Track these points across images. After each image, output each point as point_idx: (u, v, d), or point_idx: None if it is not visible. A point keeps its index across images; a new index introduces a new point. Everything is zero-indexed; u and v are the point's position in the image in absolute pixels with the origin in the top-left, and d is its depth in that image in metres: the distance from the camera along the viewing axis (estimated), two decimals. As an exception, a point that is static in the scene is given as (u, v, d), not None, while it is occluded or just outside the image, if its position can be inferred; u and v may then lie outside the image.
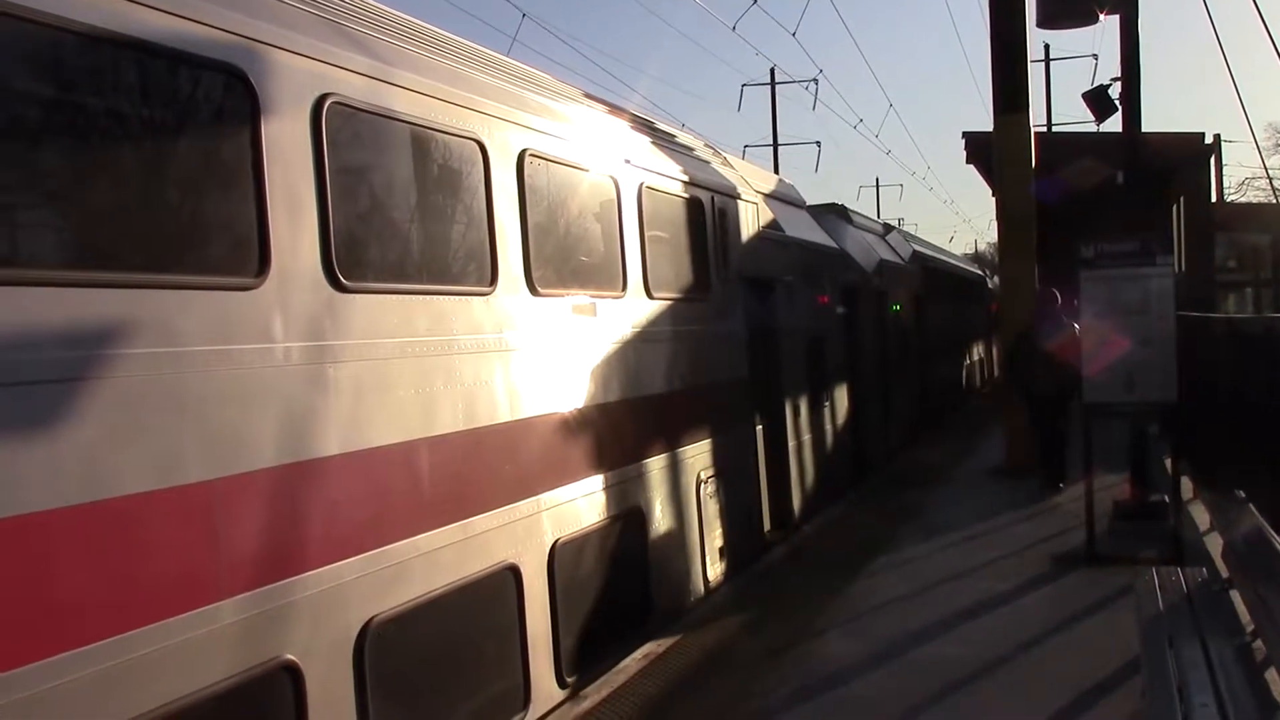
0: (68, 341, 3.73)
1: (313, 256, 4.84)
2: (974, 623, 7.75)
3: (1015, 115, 14.19)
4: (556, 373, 6.85)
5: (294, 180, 4.76)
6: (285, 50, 4.77)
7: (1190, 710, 4.56)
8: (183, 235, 4.41)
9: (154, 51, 4.14)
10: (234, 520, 4.33)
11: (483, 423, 6.03)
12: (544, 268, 6.75)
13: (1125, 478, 11.15)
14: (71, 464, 3.69)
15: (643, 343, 8.09)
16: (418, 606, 5.37)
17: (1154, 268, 9.12)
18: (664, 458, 8.47)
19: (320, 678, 4.69)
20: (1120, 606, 7.44)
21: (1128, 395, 9.18)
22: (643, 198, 8.27)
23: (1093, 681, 6.33)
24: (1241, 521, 6.33)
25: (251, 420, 4.46)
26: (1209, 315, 13.60)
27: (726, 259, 9.95)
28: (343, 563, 4.88)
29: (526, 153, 6.62)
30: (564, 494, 6.86)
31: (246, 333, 4.45)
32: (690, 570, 8.89)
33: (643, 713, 6.39)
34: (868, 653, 7.08)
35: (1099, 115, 15.74)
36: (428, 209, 5.99)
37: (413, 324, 5.50)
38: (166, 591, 4.00)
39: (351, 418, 5.02)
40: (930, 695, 6.29)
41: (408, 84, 5.61)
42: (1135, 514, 10.56)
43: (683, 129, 11.83)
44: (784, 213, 12.65)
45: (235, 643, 4.27)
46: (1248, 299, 26.75)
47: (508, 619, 6.23)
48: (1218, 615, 5.88)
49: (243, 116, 4.55)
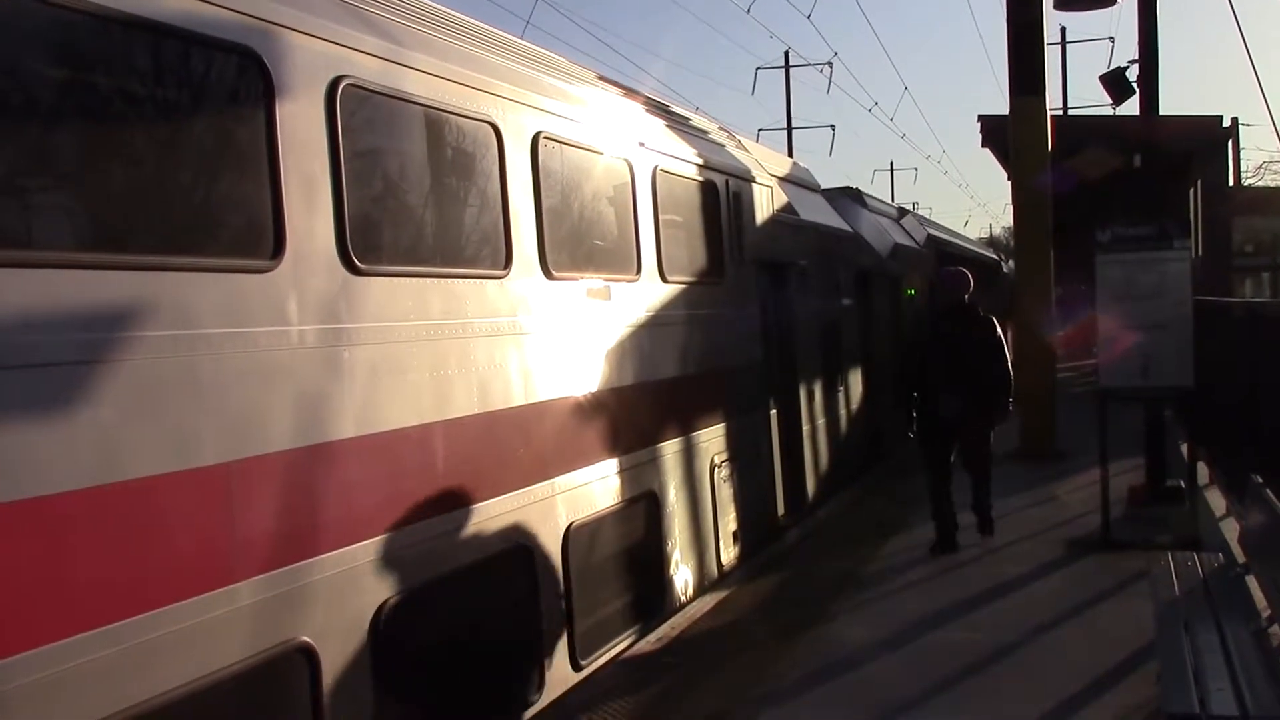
0: (85, 323, 3.74)
1: (328, 239, 4.84)
2: (988, 607, 7.73)
3: (1031, 98, 14.08)
4: (571, 356, 6.84)
5: (309, 162, 4.76)
6: (300, 32, 4.76)
7: (1206, 695, 4.54)
8: (198, 217, 4.42)
9: (169, 33, 4.14)
10: (249, 502, 4.35)
11: (497, 406, 6.03)
12: (558, 251, 6.74)
13: (1140, 463, 11.11)
14: (89, 445, 3.70)
15: (657, 327, 8.08)
16: (432, 590, 5.39)
17: (1171, 251, 9.05)
18: (678, 442, 8.47)
19: (334, 660, 4.71)
20: (1136, 592, 7.41)
21: (1144, 380, 9.13)
22: (657, 181, 8.25)
23: (1106, 667, 6.31)
24: (1258, 506, 6.30)
25: (266, 403, 4.47)
26: (1227, 300, 13.52)
27: (741, 243, 9.92)
28: (358, 545, 4.89)
29: (541, 135, 6.60)
30: (578, 478, 6.86)
31: (262, 315, 4.46)
32: (704, 554, 8.90)
33: (656, 696, 6.40)
34: (881, 637, 7.07)
35: (1116, 98, 15.61)
36: (442, 192, 5.98)
37: (427, 307, 5.50)
38: (181, 573, 4.02)
39: (366, 400, 5.03)
40: (944, 679, 6.28)
41: (422, 66, 5.60)
42: (1151, 499, 10.51)
43: (697, 112, 11.79)
44: (798, 196, 12.61)
45: (251, 624, 4.29)
46: (1265, 284, 26.59)
47: (522, 602, 6.25)
48: (1234, 600, 5.86)
49: (257, 99, 4.54)
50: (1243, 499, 6.82)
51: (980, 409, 8.88)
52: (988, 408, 8.92)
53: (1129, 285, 9.12)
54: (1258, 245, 25.87)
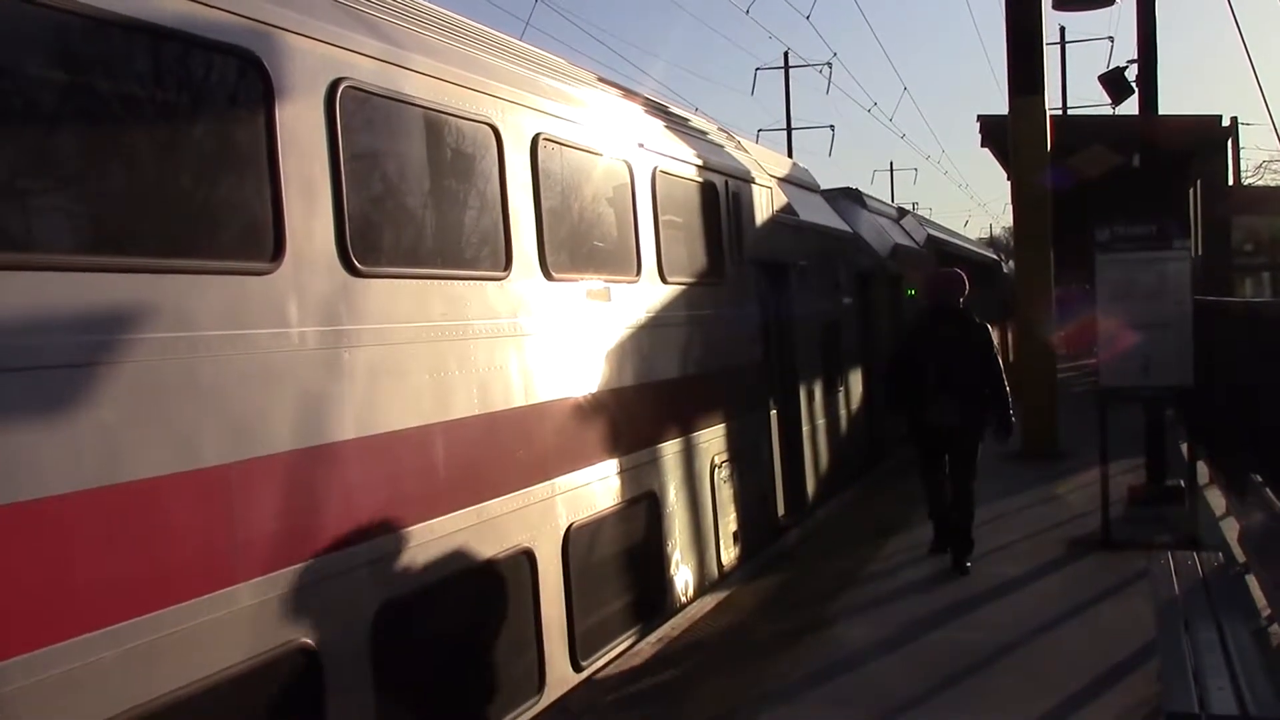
0: (85, 326, 3.74)
1: (327, 241, 4.84)
2: (989, 606, 7.73)
3: (1031, 98, 14.10)
4: (570, 357, 6.85)
5: (308, 164, 4.76)
6: (299, 35, 4.77)
7: (1206, 694, 4.55)
8: (198, 220, 4.42)
9: (169, 36, 4.14)
10: (249, 504, 4.35)
11: (497, 407, 6.04)
12: (558, 252, 6.75)
13: (1141, 462, 11.11)
14: (89, 448, 3.71)
15: (657, 328, 8.08)
16: (433, 590, 5.39)
17: (1171, 251, 9.06)
18: (678, 442, 8.47)
19: (335, 661, 4.71)
20: (1136, 591, 7.42)
21: (1144, 380, 9.14)
22: (656, 182, 8.25)
23: (1107, 666, 6.31)
24: (1258, 506, 6.31)
25: (266, 404, 4.47)
26: (1227, 299, 13.51)
27: (740, 243, 9.92)
28: (359, 547, 4.90)
29: (540, 137, 6.61)
30: (578, 478, 6.87)
31: (262, 317, 4.46)
32: (704, 554, 8.90)
33: (657, 696, 6.40)
34: (882, 637, 7.08)
35: (1115, 98, 15.64)
36: (442, 193, 5.98)
37: (427, 308, 5.50)
38: (181, 575, 4.02)
39: (366, 402, 5.03)
40: (945, 679, 6.29)
41: (421, 68, 5.60)
42: (1151, 498, 10.51)
43: (696, 113, 11.79)
44: (798, 197, 12.61)
45: (252, 626, 4.29)
46: (1265, 283, 26.56)
47: (522, 602, 6.26)
48: (1234, 599, 5.87)
49: (257, 101, 4.55)
50: (1243, 498, 6.83)
51: (974, 419, 8.63)
52: (982, 420, 8.69)
53: (1129, 285, 9.13)
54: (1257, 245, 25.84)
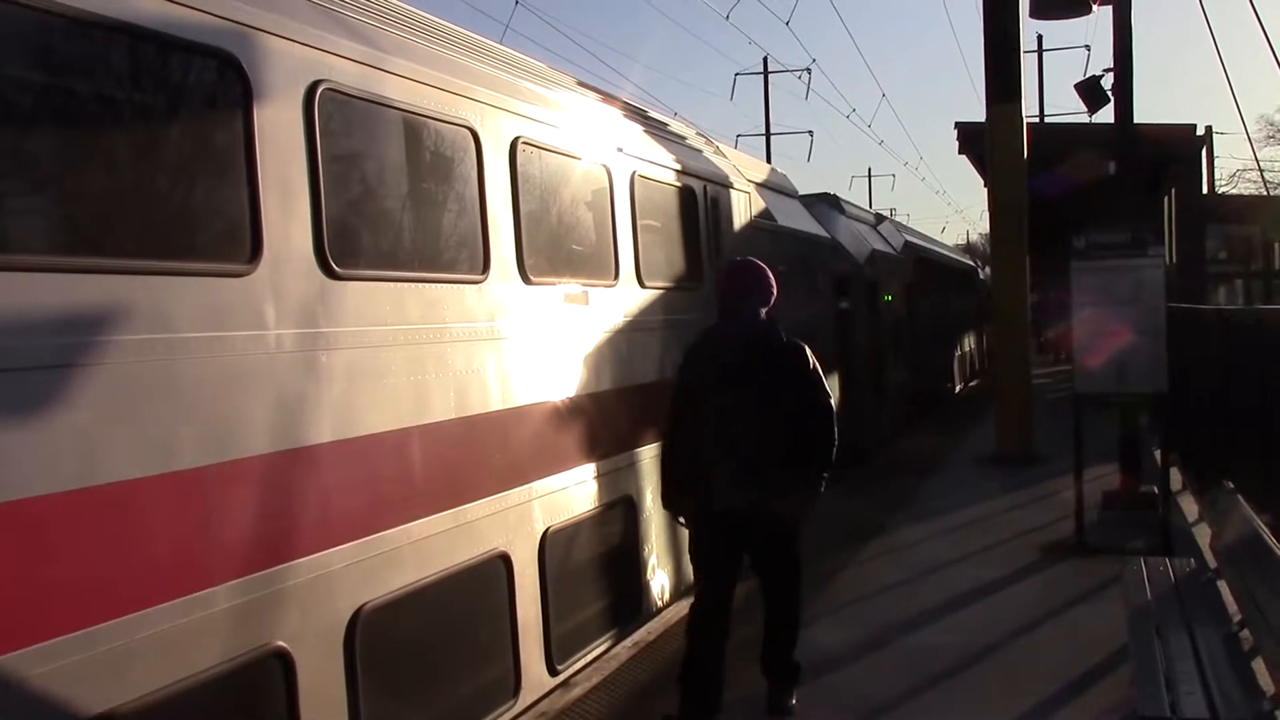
0: (60, 328, 3.71)
1: (305, 243, 4.82)
2: (964, 611, 7.77)
3: (1008, 105, 14.19)
4: (548, 361, 6.84)
5: (286, 167, 4.74)
6: (278, 36, 4.75)
7: (1177, 699, 4.59)
8: (175, 221, 4.39)
9: (145, 36, 4.11)
10: (225, 507, 4.33)
11: (475, 410, 6.02)
12: (536, 256, 6.74)
13: (1116, 468, 11.19)
14: (64, 450, 3.68)
15: (635, 332, 8.08)
16: (409, 594, 5.38)
17: (1145, 258, 9.15)
18: (656, 446, 8.46)
19: (311, 664, 4.69)
20: (1109, 596, 7.47)
21: (1119, 386, 9.22)
22: (635, 186, 8.26)
23: (1081, 670, 6.36)
24: (1230, 513, 6.37)
25: (243, 407, 4.45)
26: (1200, 306, 13.63)
27: (719, 248, 9.93)
28: (334, 550, 4.87)
29: (519, 140, 6.60)
30: (555, 482, 6.86)
31: (239, 319, 4.44)
32: (680, 559, 8.89)
33: (634, 700, 6.40)
34: (858, 640, 7.10)
35: (1091, 106, 15.78)
36: (420, 196, 5.97)
37: (405, 311, 5.49)
38: (158, 577, 4.00)
39: (344, 405, 5.01)
40: (920, 683, 6.32)
41: (401, 71, 5.59)
42: (1125, 504, 10.60)
43: (675, 118, 11.81)
44: (776, 202, 12.64)
45: (227, 629, 4.27)
46: (1238, 290, 26.79)
47: (499, 607, 6.24)
48: (1205, 605, 5.92)
49: (235, 102, 4.53)
50: (1215, 505, 6.89)
51: (779, 492, 5.56)
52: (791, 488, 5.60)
53: (1104, 291, 9.21)
54: (1231, 252, 26.06)
